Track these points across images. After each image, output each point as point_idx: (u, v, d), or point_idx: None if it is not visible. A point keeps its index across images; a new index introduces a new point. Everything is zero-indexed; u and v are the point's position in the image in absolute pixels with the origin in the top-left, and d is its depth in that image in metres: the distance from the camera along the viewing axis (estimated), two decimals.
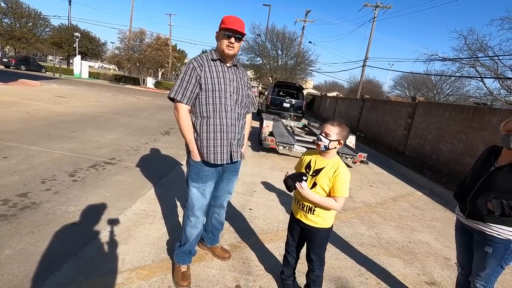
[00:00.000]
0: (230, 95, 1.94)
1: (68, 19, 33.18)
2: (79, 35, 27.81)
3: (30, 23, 33.47)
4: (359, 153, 5.91)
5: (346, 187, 1.67)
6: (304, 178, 1.72)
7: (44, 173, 3.41)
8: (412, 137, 8.73)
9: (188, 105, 1.90)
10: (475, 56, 16.28)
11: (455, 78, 22.27)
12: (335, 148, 1.73)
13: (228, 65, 1.98)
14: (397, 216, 3.84)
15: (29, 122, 5.76)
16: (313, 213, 1.77)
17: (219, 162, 1.92)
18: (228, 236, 2.67)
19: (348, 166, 6.47)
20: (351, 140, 6.89)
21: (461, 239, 1.94)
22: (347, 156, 5.88)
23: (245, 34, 1.94)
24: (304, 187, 1.70)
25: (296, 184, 1.71)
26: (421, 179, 6.07)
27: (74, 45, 28.30)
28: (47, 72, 27.92)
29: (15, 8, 31.53)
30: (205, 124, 1.89)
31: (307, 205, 1.78)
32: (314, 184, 1.73)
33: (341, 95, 28.98)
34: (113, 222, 2.59)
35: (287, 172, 1.80)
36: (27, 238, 2.17)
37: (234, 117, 1.96)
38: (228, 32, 1.83)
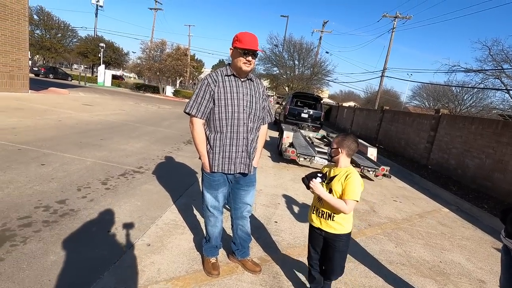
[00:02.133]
0: (244, 109, 2.01)
1: (94, 30, 34.88)
2: (104, 45, 29.10)
3: (60, 34, 35.42)
4: (382, 166, 5.82)
5: (356, 190, 1.72)
6: (319, 175, 1.83)
7: (79, 180, 3.57)
8: (435, 151, 8.50)
9: (203, 119, 2.03)
10: (500, 67, 15.78)
11: (478, 89, 21.58)
12: (338, 156, 1.84)
13: (242, 79, 2.05)
14: (425, 234, 3.74)
15: (61, 130, 6.06)
16: (333, 219, 1.83)
17: (226, 172, 2.04)
18: (256, 249, 2.69)
19: (369, 179, 6.40)
20: (373, 153, 6.80)
21: (503, 260, 1.89)
22: (369, 169, 5.80)
23: (261, 51, 2.05)
24: (315, 182, 1.80)
25: (309, 182, 1.82)
26: (447, 195, 5.88)
27: (99, 55, 29.61)
28: (73, 80, 29.29)
29: (47, 20, 33.48)
30: (219, 138, 2.01)
31: (326, 212, 1.85)
32: (330, 191, 1.82)
33: (357, 105, 28.69)
34: (146, 231, 2.67)
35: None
36: (69, 244, 2.28)
37: (247, 131, 2.05)
38: (245, 51, 1.91)
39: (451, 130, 7.96)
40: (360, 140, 7.98)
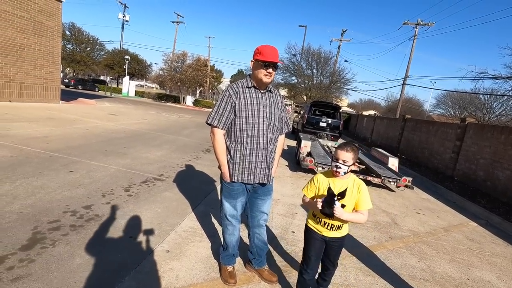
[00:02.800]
0: (263, 120, 2.05)
1: (120, 44, 36.71)
2: (129, 57, 30.53)
3: (89, 48, 37.58)
4: (403, 177, 5.64)
5: (369, 198, 1.78)
6: (335, 198, 1.73)
7: (104, 187, 3.74)
8: (462, 161, 8.12)
9: (224, 129, 2.07)
10: None
11: (508, 97, 20.51)
12: (351, 169, 1.81)
13: (262, 91, 2.09)
14: (450, 249, 3.56)
15: (88, 139, 6.38)
16: (340, 229, 1.86)
17: (245, 182, 2.08)
18: (273, 259, 2.68)
19: (391, 190, 6.20)
20: (394, 163, 6.61)
21: None
22: (390, 180, 5.64)
23: (281, 63, 2.07)
24: (339, 209, 1.72)
25: (334, 211, 1.70)
26: (475, 208, 5.58)
27: (124, 67, 31.04)
28: (99, 91, 30.81)
29: (77, 35, 35.69)
30: (239, 149, 2.05)
31: (336, 225, 1.83)
32: (343, 206, 1.78)
33: (378, 114, 28.06)
34: (166, 238, 2.74)
35: (316, 200, 1.75)
36: (93, 248, 2.39)
37: (265, 141, 2.08)
38: (266, 63, 1.95)
39: (478, 139, 7.60)
40: (380, 150, 7.83)
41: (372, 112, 37.47)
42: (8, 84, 10.14)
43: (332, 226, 1.84)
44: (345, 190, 1.77)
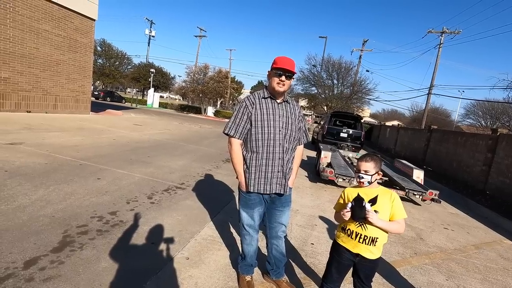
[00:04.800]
0: (279, 130, 2.07)
1: (146, 58, 38.56)
2: (154, 71, 31.91)
3: (117, 62, 39.76)
4: (430, 190, 5.40)
5: (402, 207, 1.72)
6: (363, 201, 1.65)
7: (128, 194, 3.89)
8: (494, 174, 7.64)
9: (240, 139, 2.12)
10: None
11: None
12: (377, 179, 1.78)
13: (278, 101, 2.12)
14: (482, 268, 3.34)
15: (115, 148, 6.69)
16: (374, 245, 1.70)
17: (262, 192, 2.09)
18: (291, 270, 2.65)
19: (416, 204, 5.95)
20: (419, 175, 6.36)
21: None
22: (415, 193, 5.42)
23: (295, 73, 2.09)
24: (373, 213, 1.63)
25: (367, 213, 1.60)
26: (510, 224, 5.21)
27: (149, 79, 32.47)
28: (126, 103, 32.31)
29: (107, 51, 37.94)
30: (255, 158, 2.08)
31: (369, 237, 1.68)
32: (375, 212, 1.69)
33: (402, 124, 27.19)
34: (186, 245, 2.80)
35: (343, 212, 1.70)
36: (117, 253, 2.48)
37: (282, 151, 2.09)
38: (279, 71, 1.99)
39: None
40: (404, 162, 7.58)
41: (395, 123, 36.37)
42: (45, 96, 10.92)
43: (366, 238, 1.68)
44: (376, 197, 1.71)
